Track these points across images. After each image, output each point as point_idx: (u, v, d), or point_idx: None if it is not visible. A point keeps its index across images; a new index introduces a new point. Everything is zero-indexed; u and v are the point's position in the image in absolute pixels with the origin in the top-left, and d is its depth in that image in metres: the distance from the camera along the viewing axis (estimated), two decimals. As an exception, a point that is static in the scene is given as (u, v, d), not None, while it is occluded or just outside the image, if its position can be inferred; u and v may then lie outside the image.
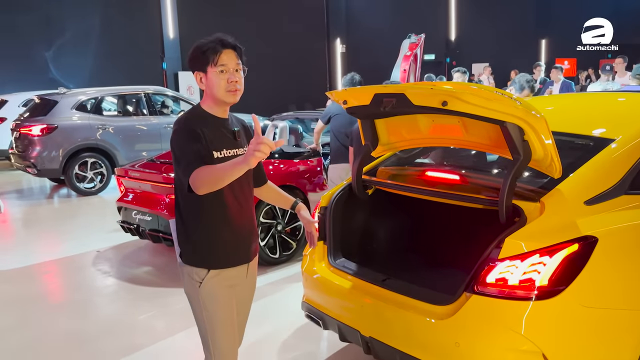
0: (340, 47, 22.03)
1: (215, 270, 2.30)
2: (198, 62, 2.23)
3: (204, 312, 2.33)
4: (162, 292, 4.84)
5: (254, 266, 2.51)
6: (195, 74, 2.26)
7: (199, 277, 2.31)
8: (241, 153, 2.32)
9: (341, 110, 5.05)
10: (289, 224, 5.38)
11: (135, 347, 3.85)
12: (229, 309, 2.36)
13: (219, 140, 2.26)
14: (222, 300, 2.33)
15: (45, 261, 5.80)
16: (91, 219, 7.68)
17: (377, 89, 2.68)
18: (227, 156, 2.26)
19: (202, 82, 2.26)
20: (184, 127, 2.21)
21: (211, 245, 2.30)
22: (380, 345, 2.68)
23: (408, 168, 3.49)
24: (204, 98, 2.33)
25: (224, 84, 2.21)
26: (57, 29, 15.82)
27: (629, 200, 2.55)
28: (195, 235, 2.31)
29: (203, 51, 2.21)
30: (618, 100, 3.68)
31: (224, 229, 2.30)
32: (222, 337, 2.35)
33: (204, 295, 2.31)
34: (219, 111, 2.31)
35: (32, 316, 4.50)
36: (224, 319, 2.34)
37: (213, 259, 2.31)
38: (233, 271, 2.36)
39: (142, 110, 10.01)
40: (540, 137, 2.35)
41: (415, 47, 11.31)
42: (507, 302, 2.29)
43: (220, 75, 2.21)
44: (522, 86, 4.89)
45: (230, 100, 2.25)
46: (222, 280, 2.32)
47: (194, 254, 2.32)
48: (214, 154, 2.21)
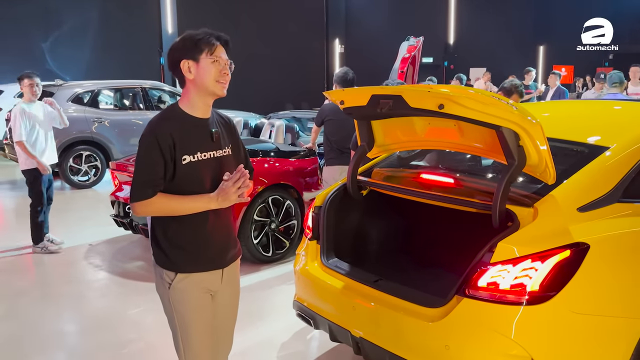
0: (338, 48, 22.04)
1: (182, 274, 2.25)
2: (189, 50, 2.17)
3: (175, 314, 2.29)
4: (153, 287, 4.72)
5: (233, 272, 2.41)
6: (182, 62, 2.17)
7: (169, 279, 2.26)
8: (219, 155, 2.26)
9: (334, 112, 5.04)
10: (282, 222, 5.37)
11: (125, 342, 3.84)
12: (201, 313, 2.30)
13: (194, 142, 2.19)
14: (193, 304, 2.27)
15: (36, 253, 5.76)
16: (84, 212, 7.65)
17: (375, 90, 2.68)
18: (201, 159, 2.20)
19: (189, 71, 2.17)
20: (152, 133, 2.14)
21: (179, 249, 2.24)
22: (370, 346, 2.68)
23: (403, 170, 3.50)
24: (184, 95, 2.23)
25: (215, 73, 2.18)
26: (55, 21, 15.73)
27: (622, 208, 2.57)
28: (163, 237, 2.25)
29: (196, 40, 2.17)
30: (614, 108, 3.70)
31: (194, 233, 2.23)
32: (194, 340, 2.29)
33: (173, 297, 2.26)
34: (199, 109, 2.24)
35: (21, 308, 4.48)
36: (195, 323, 2.28)
37: (180, 262, 2.25)
38: (203, 276, 2.28)
39: (138, 105, 9.99)
40: (536, 143, 2.36)
41: (413, 49, 11.34)
42: (497, 307, 2.30)
43: (213, 64, 2.17)
44: (510, 91, 4.91)
45: (218, 92, 2.21)
46: (191, 283, 2.25)
47: (163, 255, 2.26)
48: (183, 159, 2.15)
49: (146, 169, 2.14)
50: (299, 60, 20.53)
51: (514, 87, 4.91)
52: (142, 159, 2.16)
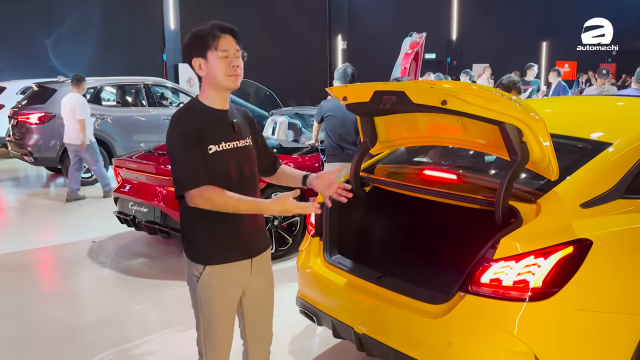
0: (341, 44, 22.00)
1: (211, 267, 2.28)
2: (197, 48, 2.20)
3: (200, 308, 2.33)
4: (156, 284, 4.84)
5: (263, 262, 2.45)
6: (193, 60, 2.21)
7: (198, 272, 2.29)
8: (242, 145, 2.31)
9: (334, 108, 5.03)
10: (285, 219, 5.38)
11: (129, 338, 3.85)
12: (226, 307, 2.34)
13: (217, 132, 2.24)
14: (219, 297, 2.30)
15: (39, 250, 5.79)
16: (87, 209, 7.66)
17: (377, 86, 2.67)
18: (226, 149, 2.24)
19: (201, 68, 2.22)
20: (179, 126, 2.19)
21: (209, 242, 2.28)
22: (374, 343, 2.69)
23: (406, 166, 3.50)
24: (202, 89, 2.29)
25: (225, 67, 2.19)
26: (58, 17, 15.72)
27: (625, 204, 2.56)
28: (194, 231, 2.30)
29: (201, 36, 2.19)
30: (617, 104, 3.69)
31: (223, 225, 2.26)
32: (216, 333, 2.34)
33: (200, 290, 2.30)
34: (218, 102, 2.28)
35: (25, 305, 4.50)
36: (219, 316, 2.32)
37: (209, 255, 2.28)
38: (231, 267, 2.31)
39: (141, 101, 9.99)
40: (539, 139, 2.36)
41: (416, 45, 11.31)
42: (500, 303, 2.30)
43: (221, 59, 2.18)
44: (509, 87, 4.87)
45: (231, 85, 2.23)
46: (220, 277, 2.29)
47: (193, 249, 2.31)
48: (209, 149, 2.20)
49: (187, 159, 2.17)
50: (302, 57, 20.51)
51: (512, 84, 4.88)
52: (178, 152, 2.19)
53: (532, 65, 10.99)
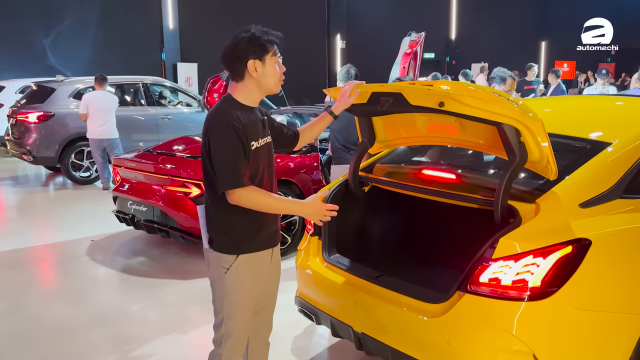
0: (340, 43, 21.99)
1: (243, 256, 2.36)
2: (255, 51, 2.29)
3: (225, 299, 2.39)
4: (155, 283, 4.84)
5: (278, 253, 2.58)
6: (249, 61, 2.29)
7: (227, 264, 2.36)
8: (269, 141, 2.45)
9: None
10: (284, 218, 5.38)
11: (128, 337, 3.85)
12: (250, 298, 2.45)
13: (255, 129, 2.34)
14: (245, 288, 2.40)
15: (38, 249, 5.79)
16: (86, 207, 7.66)
17: (375, 87, 2.68)
18: (261, 145, 2.36)
19: (255, 70, 2.31)
20: (226, 121, 2.25)
21: (245, 232, 2.37)
22: (372, 342, 2.69)
23: (405, 166, 3.50)
24: (239, 88, 2.36)
25: (278, 74, 2.37)
26: (56, 16, 15.69)
27: (624, 204, 2.57)
28: (226, 223, 2.36)
29: (263, 41, 2.30)
30: (616, 104, 3.70)
31: (254, 217, 2.35)
32: (238, 324, 2.43)
33: (228, 281, 2.38)
34: (253, 101, 2.39)
35: (24, 303, 4.49)
36: (243, 307, 2.43)
37: (242, 244, 2.37)
38: (259, 256, 2.42)
39: (139, 101, 9.98)
40: (537, 139, 2.36)
41: (415, 44, 11.30)
42: (499, 302, 2.30)
43: (277, 66, 2.37)
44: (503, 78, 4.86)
45: (277, 90, 2.41)
46: (252, 265, 2.40)
47: (225, 240, 2.38)
48: (252, 145, 2.29)
49: (234, 157, 2.24)
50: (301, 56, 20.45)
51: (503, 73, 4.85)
52: (225, 149, 2.25)
53: (532, 65, 10.99)
